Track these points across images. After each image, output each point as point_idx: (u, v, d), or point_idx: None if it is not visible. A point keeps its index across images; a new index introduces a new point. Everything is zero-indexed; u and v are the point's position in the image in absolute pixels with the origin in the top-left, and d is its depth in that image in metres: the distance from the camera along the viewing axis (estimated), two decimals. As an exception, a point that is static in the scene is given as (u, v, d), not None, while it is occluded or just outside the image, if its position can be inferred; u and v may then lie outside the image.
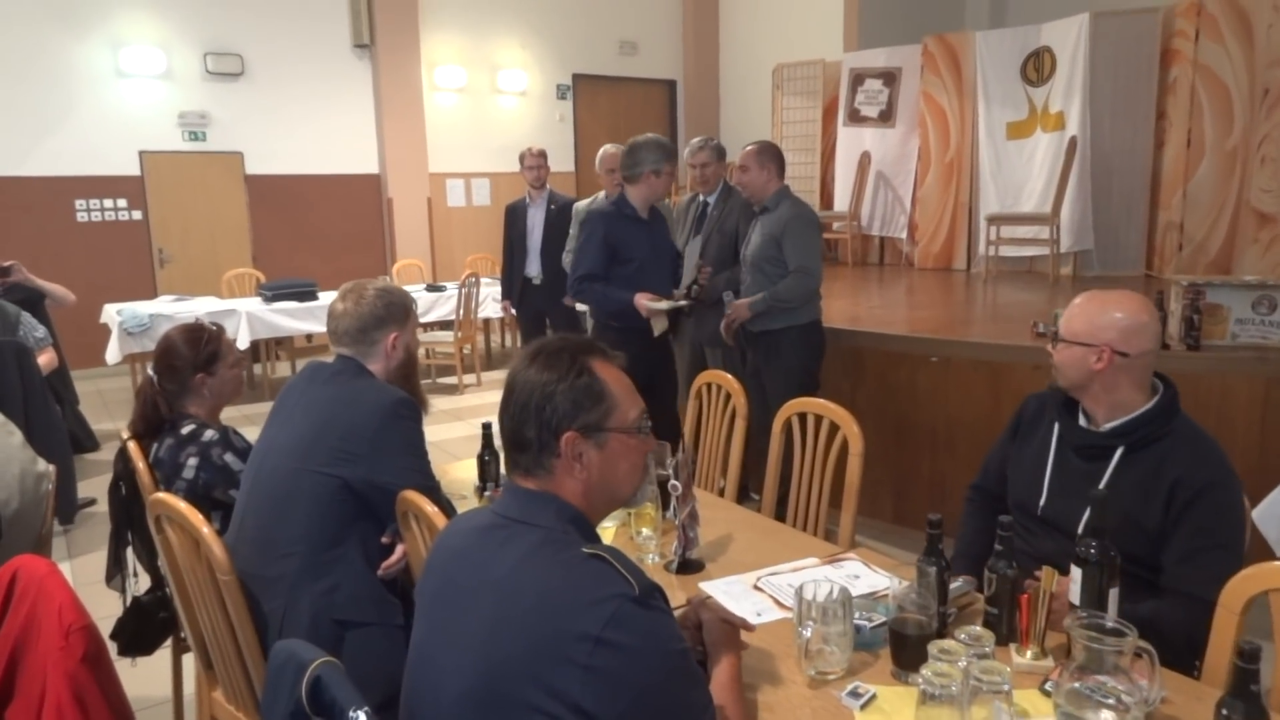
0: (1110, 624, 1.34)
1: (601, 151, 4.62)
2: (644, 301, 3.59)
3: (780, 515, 2.56)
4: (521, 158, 5.55)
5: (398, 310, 2.10)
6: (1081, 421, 1.89)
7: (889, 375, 4.05)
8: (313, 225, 8.62)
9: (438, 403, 6.77)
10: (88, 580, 3.44)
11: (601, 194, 4.51)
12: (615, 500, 1.34)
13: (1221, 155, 5.80)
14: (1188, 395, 1.89)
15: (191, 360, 2.26)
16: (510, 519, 1.25)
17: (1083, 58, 6.19)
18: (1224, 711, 1.15)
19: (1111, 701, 1.30)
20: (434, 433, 5.58)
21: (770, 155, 3.79)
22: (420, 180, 9.05)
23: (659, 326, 3.72)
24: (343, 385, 2.02)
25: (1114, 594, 1.49)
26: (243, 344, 6.32)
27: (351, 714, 1.10)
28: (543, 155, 5.56)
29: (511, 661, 1.12)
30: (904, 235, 7.60)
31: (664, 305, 3.64)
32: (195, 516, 1.79)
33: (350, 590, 1.89)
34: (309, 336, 7.25)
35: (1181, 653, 1.60)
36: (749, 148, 3.80)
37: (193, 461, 2.18)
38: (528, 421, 1.25)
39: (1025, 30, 6.72)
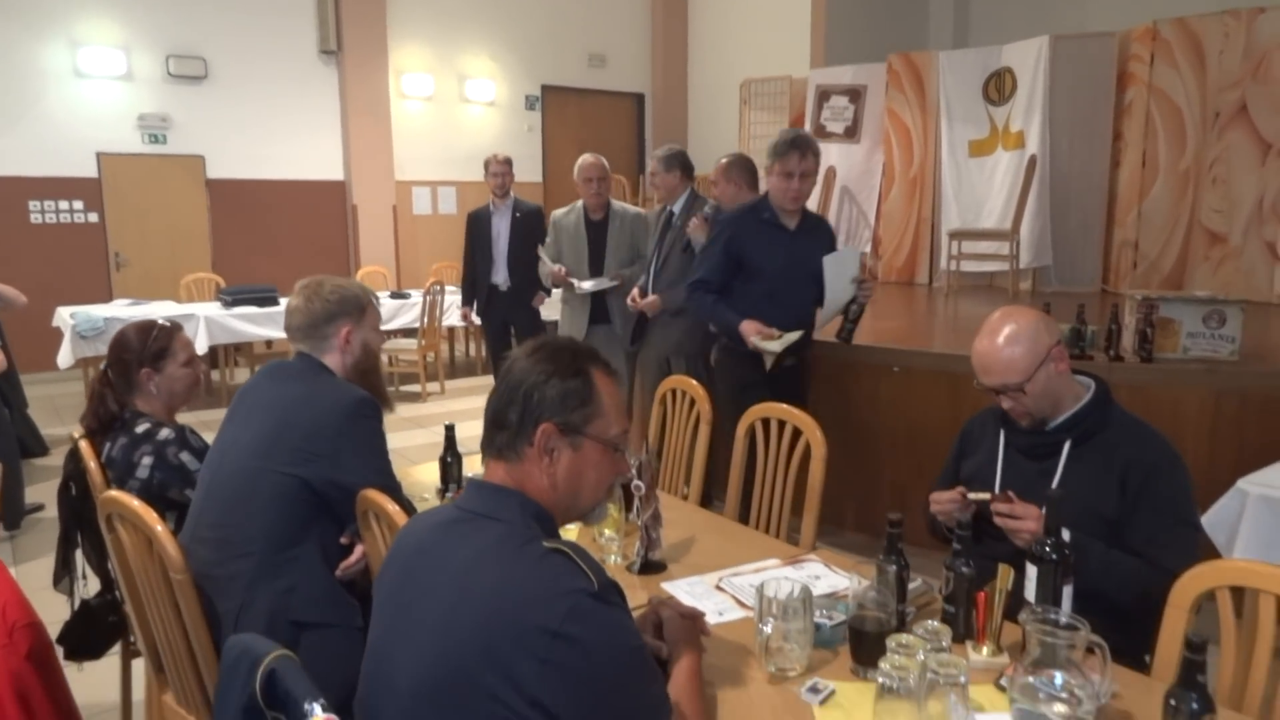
0: (1064, 620, 1.36)
1: (580, 161, 4.57)
2: (750, 335, 3.11)
3: (744, 519, 2.57)
4: (486, 164, 5.54)
5: (350, 304, 2.06)
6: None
7: (852, 384, 4.09)
8: (275, 231, 8.52)
9: (401, 410, 6.71)
10: (34, 586, 3.32)
11: (579, 202, 4.53)
12: (575, 508, 1.33)
13: (1175, 176, 5.96)
14: (1140, 406, 1.94)
15: (139, 353, 2.22)
16: (473, 513, 1.25)
17: (1042, 78, 6.34)
18: (1172, 702, 1.17)
19: (1065, 695, 1.32)
20: (396, 440, 5.52)
21: (738, 169, 3.85)
22: (385, 188, 8.99)
23: (770, 360, 3.20)
24: (304, 384, 1.99)
25: (1068, 590, 1.51)
26: (201, 349, 6.21)
27: (306, 707, 1.09)
28: (508, 163, 5.56)
29: (468, 652, 1.11)
30: (868, 249, 7.69)
31: (774, 346, 3.07)
32: (149, 514, 1.75)
33: (308, 591, 1.86)
34: (269, 342, 7.14)
35: (1131, 611, 1.67)
36: (720, 162, 3.87)
37: (147, 461, 2.14)
38: (514, 403, 1.26)
39: (987, 51, 6.87)
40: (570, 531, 2.16)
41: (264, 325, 6.62)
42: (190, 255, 8.11)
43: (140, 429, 2.18)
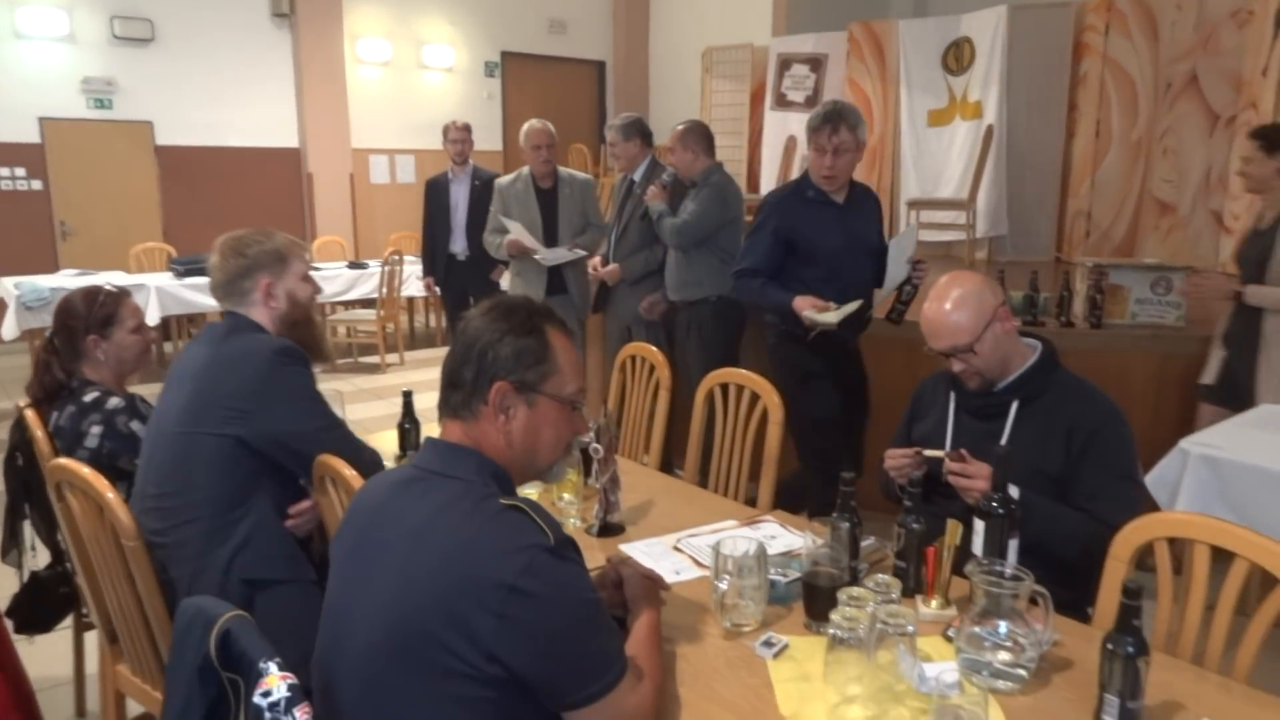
0: (1009, 571, 1.40)
1: (526, 126, 4.43)
2: (805, 310, 2.88)
3: (703, 484, 2.60)
4: (445, 131, 5.46)
5: (267, 257, 1.99)
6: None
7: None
8: (228, 199, 8.33)
9: (359, 381, 6.64)
10: (-17, 560, 3.28)
11: (525, 169, 4.43)
12: (533, 467, 1.34)
13: (1127, 146, 6.06)
14: (1090, 370, 1.99)
15: (85, 319, 2.17)
16: (430, 471, 1.25)
17: (1000, 49, 6.38)
18: (1109, 645, 1.22)
19: (1008, 643, 1.36)
20: (356, 411, 5.44)
21: (695, 135, 3.83)
22: (342, 155, 8.82)
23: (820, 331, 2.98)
24: (228, 344, 1.94)
25: (1014, 544, 1.56)
26: (152, 320, 6.08)
27: (261, 665, 1.08)
28: (467, 129, 5.48)
29: (424, 608, 1.11)
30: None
31: (831, 317, 2.86)
32: (99, 481, 1.72)
33: (258, 548, 1.85)
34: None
35: (1076, 565, 1.73)
36: (676, 129, 3.84)
37: (96, 430, 2.10)
38: (469, 362, 1.26)
39: (947, 20, 6.89)
40: (530, 493, 2.17)
41: (218, 296, 6.48)
42: (140, 224, 7.90)
43: (89, 397, 2.14)
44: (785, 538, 1.92)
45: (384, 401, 5.99)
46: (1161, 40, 5.82)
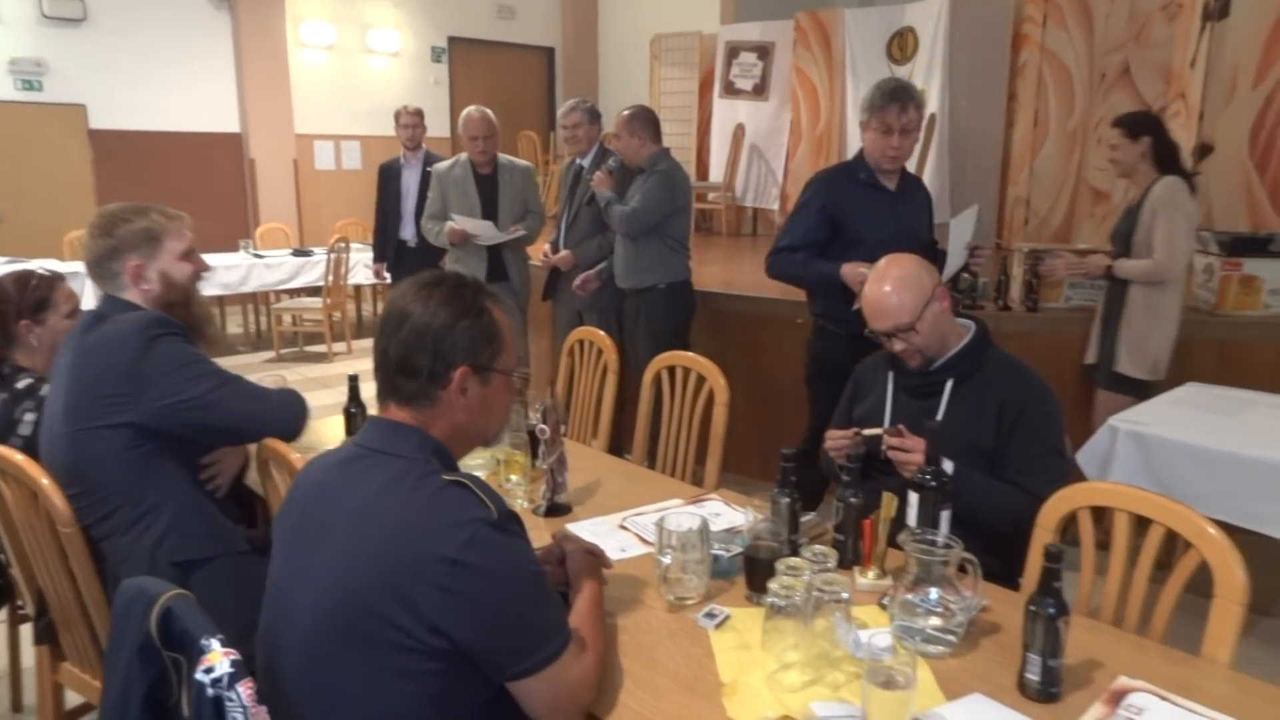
0: (941, 541, 1.45)
1: (464, 115, 4.32)
2: (854, 272, 2.68)
3: (651, 465, 2.63)
4: (397, 115, 5.42)
5: (135, 236, 1.88)
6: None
7: (756, 336, 4.19)
8: (167, 185, 8.11)
9: (306, 370, 6.55)
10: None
11: (463, 155, 4.39)
12: (482, 435, 1.36)
13: (1063, 135, 6.22)
14: (1026, 352, 2.06)
15: (17, 304, 2.12)
16: (372, 450, 1.25)
17: (942, 39, 6.49)
18: (1032, 607, 1.28)
19: (939, 609, 1.42)
20: (302, 400, 5.40)
21: (641, 121, 3.84)
22: (285, 141, 8.65)
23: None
24: (94, 331, 1.84)
25: (945, 515, 1.62)
26: (87, 307, 5.91)
27: (204, 642, 1.09)
28: (418, 114, 5.43)
29: (368, 583, 1.13)
30: (776, 206, 7.80)
31: None
32: (32, 468, 1.70)
33: (182, 531, 1.81)
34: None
35: (1007, 537, 1.79)
36: (622, 114, 3.84)
37: (30, 417, 2.06)
38: (422, 350, 1.25)
39: (891, 10, 6.98)
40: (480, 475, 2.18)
41: (157, 284, 6.33)
42: (73, 210, 7.64)
43: (21, 384, 2.09)
44: (729, 515, 1.96)
45: (331, 390, 5.91)
46: (1096, 32, 5.98)
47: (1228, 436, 2.59)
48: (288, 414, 1.92)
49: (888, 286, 1.94)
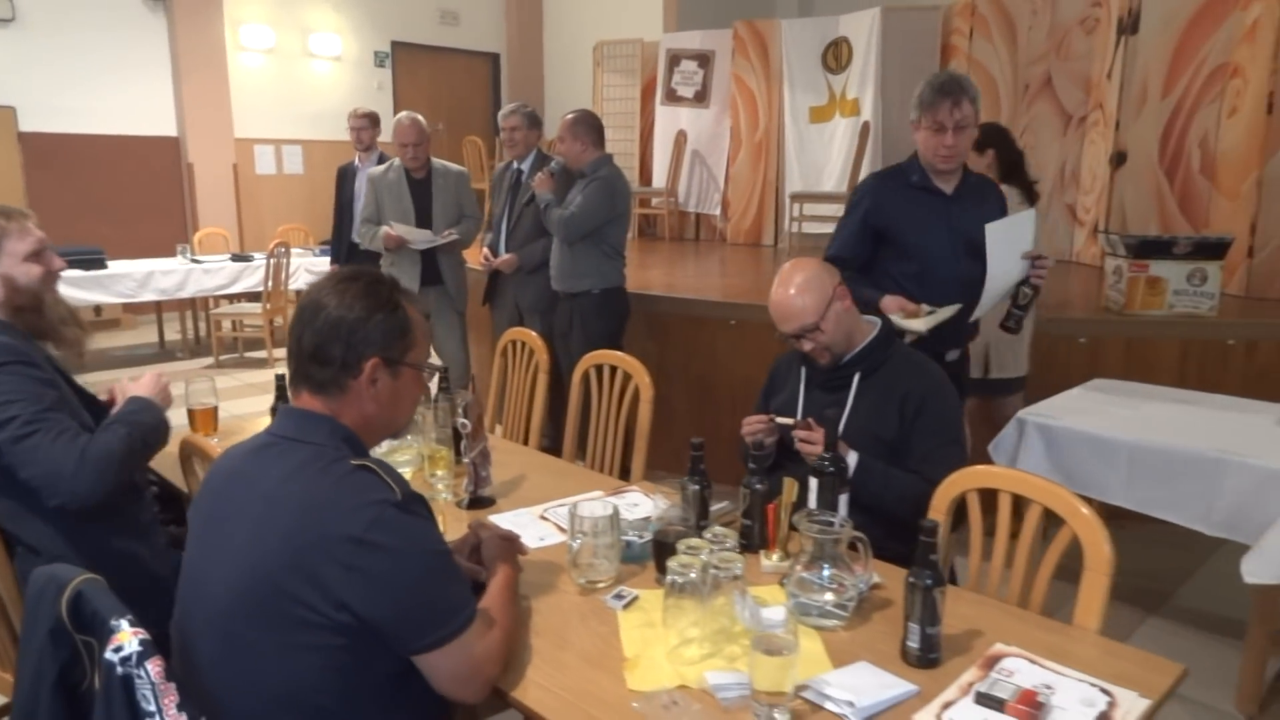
0: (837, 523, 1.54)
1: (395, 122, 4.32)
2: (892, 311, 2.43)
3: (582, 461, 2.70)
4: (349, 118, 5.47)
5: None
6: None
7: (692, 338, 4.28)
8: (102, 189, 7.97)
9: (245, 376, 6.48)
10: None
11: (396, 160, 4.41)
12: (391, 426, 1.42)
13: (990, 143, 6.44)
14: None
15: None
16: (283, 437, 1.31)
17: (875, 49, 6.69)
18: (911, 579, 1.37)
19: (833, 585, 1.50)
20: (241, 405, 5.36)
21: (585, 126, 3.90)
22: (224, 145, 8.55)
23: (909, 339, 2.47)
24: None
25: (844, 499, 1.71)
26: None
27: (113, 623, 1.12)
28: (366, 117, 5.47)
29: (278, 562, 1.18)
30: (717, 212, 7.94)
31: (918, 324, 2.41)
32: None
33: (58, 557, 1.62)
34: (97, 308, 6.74)
35: (909, 522, 1.85)
36: (566, 118, 3.90)
37: None
38: (336, 341, 1.30)
39: (826, 20, 7.17)
40: (404, 475, 2.22)
41: (90, 289, 6.22)
42: (3, 215, 7.47)
43: None
44: (647, 504, 2.03)
45: (270, 396, 5.86)
46: (1019, 44, 6.22)
47: (1130, 427, 2.72)
48: (87, 482, 1.66)
49: (792, 290, 2.04)
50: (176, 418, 2.02)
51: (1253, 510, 2.39)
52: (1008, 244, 2.58)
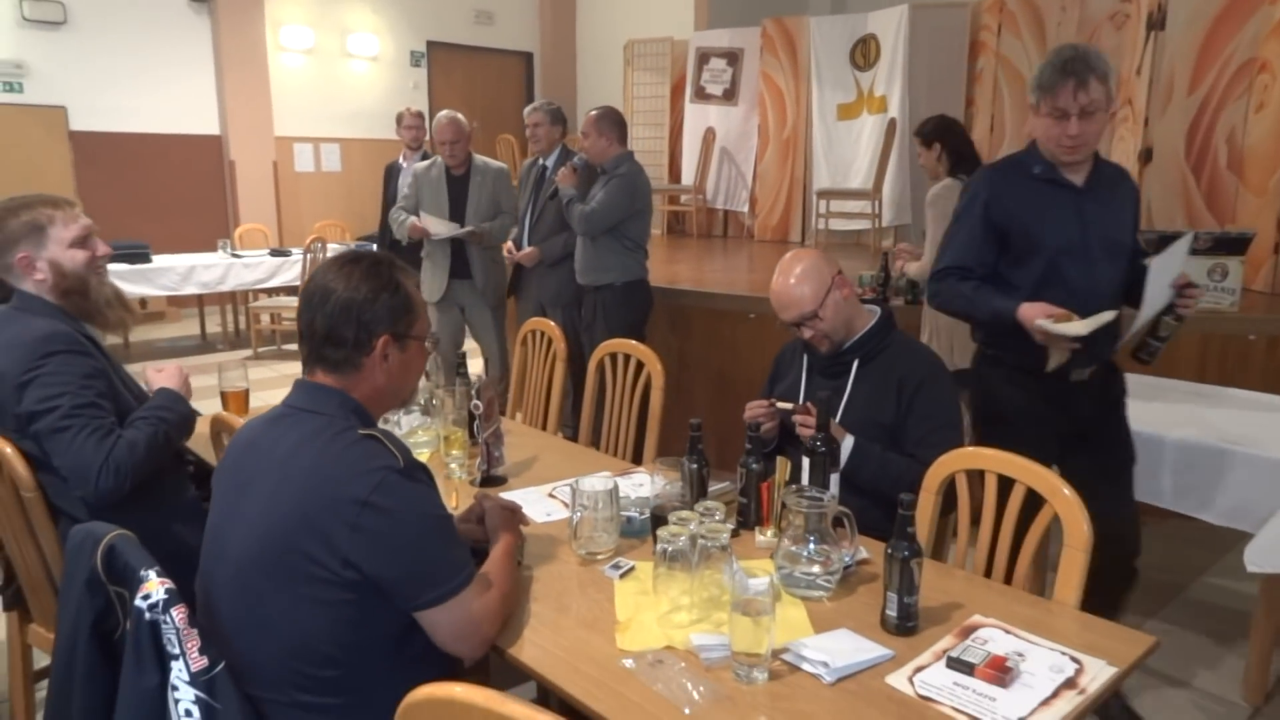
0: (826, 499, 1.61)
1: (436, 121, 4.41)
2: (1038, 320, 2.09)
3: (596, 446, 2.79)
4: (399, 118, 5.66)
5: (19, 229, 1.91)
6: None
7: (713, 331, 4.35)
8: (147, 186, 8.23)
9: (282, 368, 6.67)
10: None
11: (439, 157, 4.53)
12: (399, 395, 1.52)
13: (1019, 140, 6.41)
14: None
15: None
16: (296, 409, 1.41)
17: (903, 46, 6.69)
18: (889, 550, 1.44)
19: (820, 558, 1.57)
20: (278, 397, 5.52)
21: (609, 122, 3.98)
22: (265, 143, 8.77)
23: (1058, 358, 2.20)
24: (7, 331, 1.85)
25: (835, 478, 1.78)
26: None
27: (142, 574, 1.23)
28: (420, 117, 5.66)
29: (290, 522, 1.28)
30: (745, 209, 7.99)
31: (1069, 330, 2.07)
32: (-4, 437, 1.81)
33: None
34: (143, 301, 6.97)
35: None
36: (590, 114, 3.98)
37: None
38: (348, 323, 1.40)
39: (854, 18, 7.18)
40: (421, 455, 2.33)
41: (136, 283, 6.45)
42: (54, 211, 7.75)
43: None
44: (651, 485, 2.11)
45: (306, 386, 6.04)
46: (1048, 40, 6.18)
47: (1148, 421, 2.72)
48: (107, 485, 1.80)
49: (791, 279, 2.11)
50: (197, 407, 2.13)
51: (1259, 501, 2.42)
52: (1165, 273, 2.24)
